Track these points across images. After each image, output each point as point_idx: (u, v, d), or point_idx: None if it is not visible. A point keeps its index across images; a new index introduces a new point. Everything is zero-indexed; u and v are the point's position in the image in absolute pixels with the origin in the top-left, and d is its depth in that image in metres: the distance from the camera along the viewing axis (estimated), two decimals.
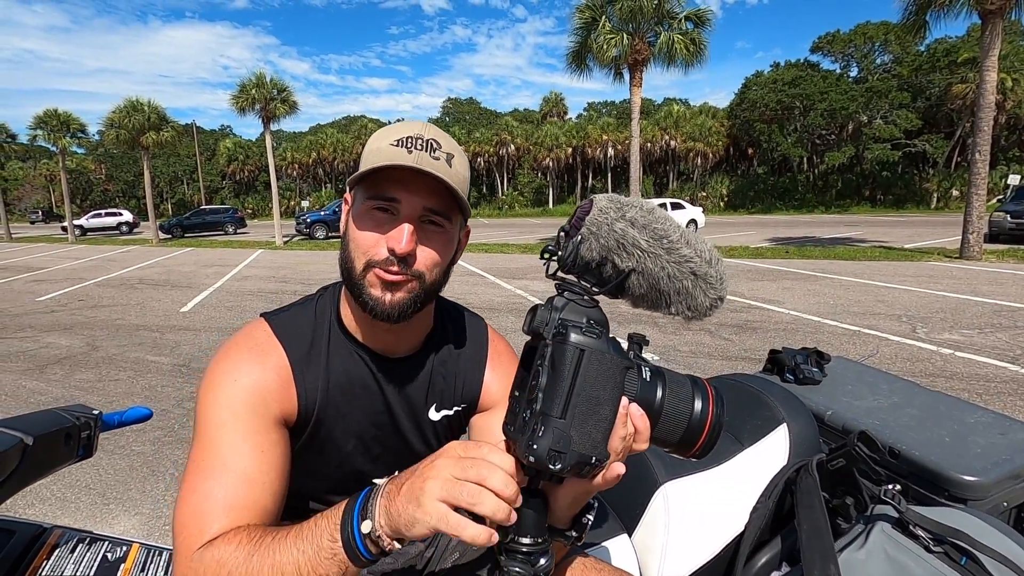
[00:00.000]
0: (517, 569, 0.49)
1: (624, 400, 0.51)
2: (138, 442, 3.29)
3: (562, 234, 0.57)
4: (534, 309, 0.53)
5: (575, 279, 0.56)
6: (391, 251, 0.68)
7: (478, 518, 0.48)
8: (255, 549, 0.55)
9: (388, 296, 0.70)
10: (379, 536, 0.52)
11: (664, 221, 0.56)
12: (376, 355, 0.79)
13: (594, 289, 0.55)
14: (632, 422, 0.52)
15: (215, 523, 0.60)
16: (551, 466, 0.47)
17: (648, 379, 0.53)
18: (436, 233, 0.72)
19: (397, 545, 0.53)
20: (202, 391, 0.70)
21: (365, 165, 0.70)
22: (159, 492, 2.74)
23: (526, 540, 0.50)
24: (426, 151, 0.70)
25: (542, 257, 0.58)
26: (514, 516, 0.49)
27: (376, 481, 0.58)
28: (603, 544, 0.90)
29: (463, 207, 0.74)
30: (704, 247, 0.57)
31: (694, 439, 0.54)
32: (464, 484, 0.48)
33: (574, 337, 0.49)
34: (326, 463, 0.79)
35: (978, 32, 11.02)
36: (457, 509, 0.48)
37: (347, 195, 0.78)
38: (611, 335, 0.53)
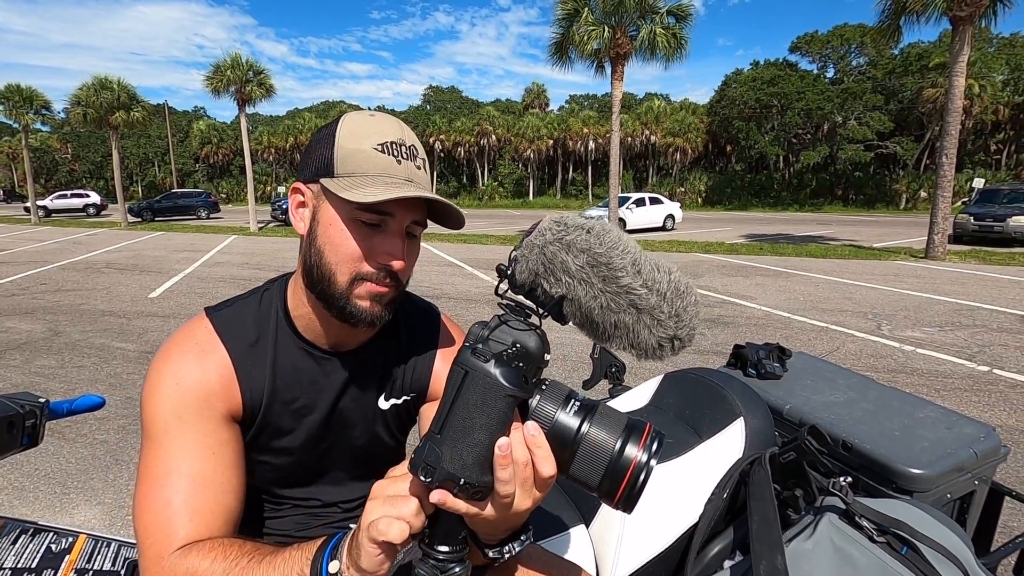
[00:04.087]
0: (424, 572, 0.50)
1: (526, 429, 0.50)
2: (101, 430, 3.21)
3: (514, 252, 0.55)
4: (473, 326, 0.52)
5: (520, 299, 0.53)
6: (385, 266, 0.68)
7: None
8: (231, 568, 0.57)
9: (377, 308, 0.70)
10: None
11: (612, 247, 0.52)
12: (325, 350, 0.78)
13: (537, 311, 0.53)
14: (527, 443, 0.48)
15: (180, 530, 0.62)
16: (421, 478, 0.49)
17: (572, 412, 0.50)
18: (414, 240, 0.73)
19: None
20: (145, 394, 0.69)
21: (346, 165, 0.67)
22: (122, 482, 2.68)
23: (442, 548, 0.51)
24: (410, 159, 0.69)
25: (497, 271, 0.56)
26: (405, 533, 0.49)
27: (352, 526, 0.59)
28: (560, 535, 0.92)
29: (453, 216, 0.73)
30: (662, 280, 0.53)
31: (615, 486, 0.49)
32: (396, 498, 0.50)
33: (462, 356, 0.49)
34: (275, 457, 0.78)
35: (949, 38, 11.31)
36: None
37: (301, 186, 0.72)
38: (533, 365, 0.50)
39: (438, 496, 0.49)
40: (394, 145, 0.68)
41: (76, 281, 8.57)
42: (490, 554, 0.55)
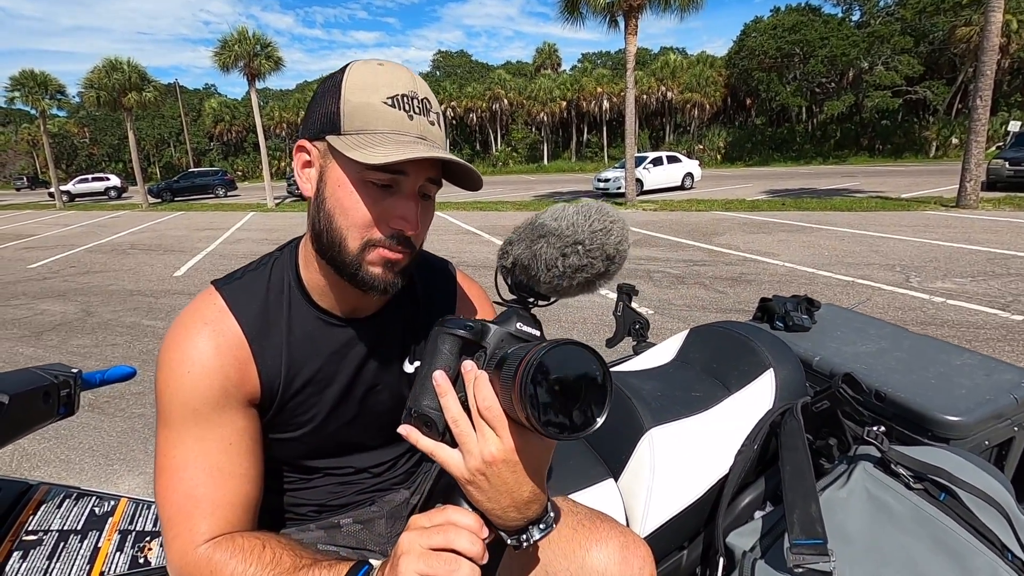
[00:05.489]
0: None
1: (463, 365, 0.56)
2: (138, 405, 3.32)
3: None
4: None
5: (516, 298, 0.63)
6: (398, 231, 0.65)
7: None
8: (259, 573, 0.59)
9: (390, 275, 0.67)
10: None
11: (537, 218, 0.61)
12: (342, 318, 0.76)
13: (526, 299, 0.62)
14: (465, 379, 0.54)
15: (203, 523, 0.62)
16: (402, 419, 0.58)
17: (510, 348, 0.55)
18: (428, 201, 0.69)
19: None
20: (159, 380, 0.67)
21: (354, 121, 0.63)
22: None
23: None
24: (423, 114, 0.65)
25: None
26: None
27: (372, 562, 0.59)
28: (589, 489, 0.92)
29: (469, 177, 0.69)
30: (568, 211, 0.60)
31: (515, 392, 0.47)
32: (437, 554, 0.51)
33: (436, 327, 0.59)
34: (300, 432, 0.76)
35: None
36: None
37: (306, 144, 0.67)
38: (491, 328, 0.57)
39: (404, 431, 0.57)
40: (406, 98, 0.64)
41: (103, 263, 8.77)
42: (509, 541, 0.57)
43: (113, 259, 9.13)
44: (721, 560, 0.86)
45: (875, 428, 0.89)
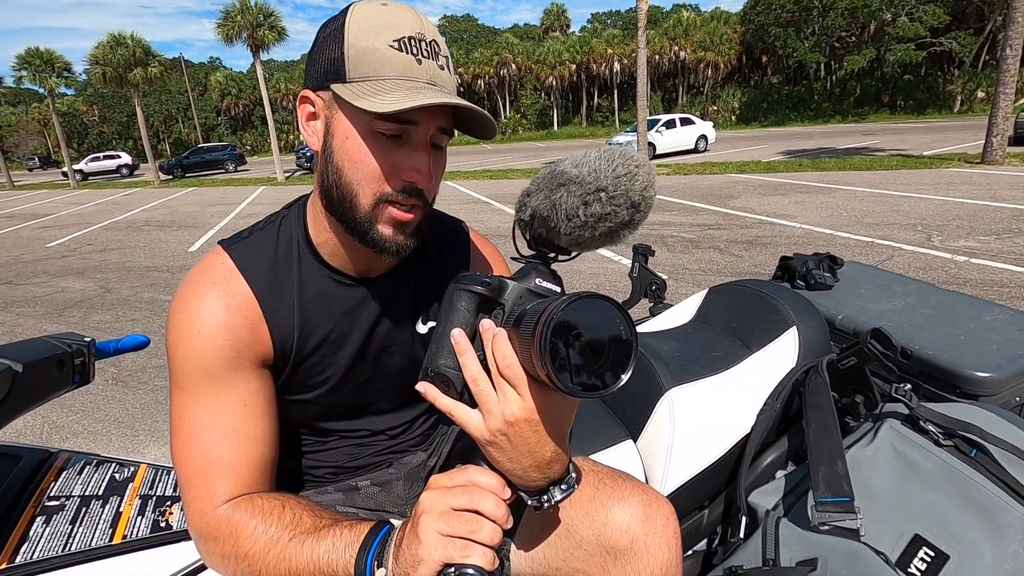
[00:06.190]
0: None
1: (481, 325, 0.54)
2: (160, 378, 3.39)
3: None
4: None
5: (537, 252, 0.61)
6: (410, 184, 0.62)
7: None
8: (275, 538, 0.59)
9: (401, 237, 0.65)
10: None
11: (556, 166, 0.58)
12: (354, 277, 0.74)
13: (546, 254, 0.60)
14: (483, 337, 0.53)
15: (221, 484, 0.62)
16: (419, 379, 0.57)
17: (529, 304, 0.53)
18: (439, 152, 0.66)
19: None
20: (169, 342, 0.65)
21: (359, 68, 0.59)
22: None
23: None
24: (432, 57, 0.61)
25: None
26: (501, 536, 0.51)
27: (393, 522, 0.58)
28: (607, 450, 0.91)
29: (482, 124, 0.65)
30: (590, 156, 0.56)
31: (535, 347, 0.45)
32: (459, 514, 0.50)
33: (452, 284, 0.58)
34: (315, 394, 0.75)
35: None
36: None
37: (310, 94, 0.64)
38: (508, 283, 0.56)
39: (422, 388, 0.56)
40: (412, 41, 0.60)
41: (119, 240, 8.86)
42: (530, 502, 0.56)
43: (128, 236, 9.22)
44: (743, 519, 0.85)
45: (903, 385, 0.86)
